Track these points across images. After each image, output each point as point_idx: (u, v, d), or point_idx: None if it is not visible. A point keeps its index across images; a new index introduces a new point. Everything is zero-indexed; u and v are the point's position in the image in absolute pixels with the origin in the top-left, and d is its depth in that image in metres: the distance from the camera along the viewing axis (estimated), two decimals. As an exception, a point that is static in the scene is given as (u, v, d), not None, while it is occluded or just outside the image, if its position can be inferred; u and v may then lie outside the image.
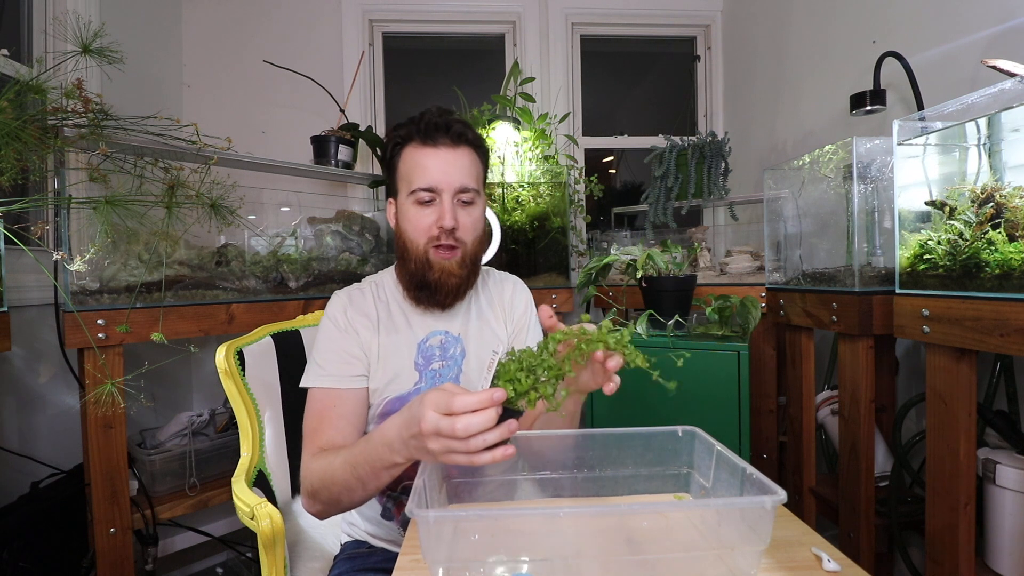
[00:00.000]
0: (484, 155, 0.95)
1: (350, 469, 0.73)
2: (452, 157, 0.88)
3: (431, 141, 0.88)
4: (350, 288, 0.99)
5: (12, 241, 1.03)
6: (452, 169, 0.88)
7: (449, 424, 0.58)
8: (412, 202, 0.89)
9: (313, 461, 0.81)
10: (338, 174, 1.94)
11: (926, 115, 1.06)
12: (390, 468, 0.70)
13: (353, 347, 0.91)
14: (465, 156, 0.90)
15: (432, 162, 0.88)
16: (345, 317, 0.93)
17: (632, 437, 0.76)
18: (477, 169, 0.92)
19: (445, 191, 0.88)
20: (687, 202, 1.85)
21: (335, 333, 0.92)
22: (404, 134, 0.90)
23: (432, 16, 2.34)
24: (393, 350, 0.93)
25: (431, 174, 0.87)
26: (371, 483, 0.73)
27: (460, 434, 0.57)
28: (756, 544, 0.55)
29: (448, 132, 0.88)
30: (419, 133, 0.88)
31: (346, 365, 0.89)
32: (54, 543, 1.31)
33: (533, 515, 0.61)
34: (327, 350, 0.91)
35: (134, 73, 1.46)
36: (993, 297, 0.86)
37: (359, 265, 1.74)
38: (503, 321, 1.01)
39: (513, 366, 0.63)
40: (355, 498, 0.77)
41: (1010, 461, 1.00)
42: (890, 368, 1.49)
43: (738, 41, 2.33)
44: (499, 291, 1.04)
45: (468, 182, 0.89)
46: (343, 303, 0.95)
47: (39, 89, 1.09)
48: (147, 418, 1.71)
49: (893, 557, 1.37)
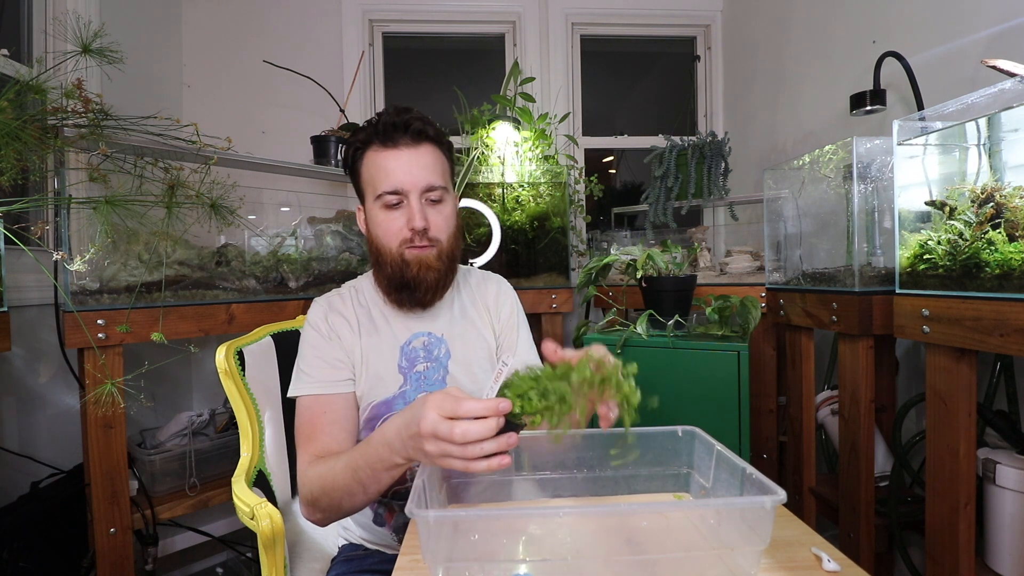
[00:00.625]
0: (448, 150, 0.93)
1: (351, 472, 0.72)
2: (414, 156, 0.86)
3: (391, 142, 0.86)
4: (329, 295, 0.98)
5: (12, 241, 1.03)
6: (415, 168, 0.86)
7: (448, 428, 0.57)
8: (380, 207, 0.88)
9: (310, 468, 0.79)
10: (338, 174, 1.94)
11: (926, 115, 1.06)
12: (390, 469, 0.69)
13: (338, 352, 0.90)
14: (427, 154, 0.88)
15: (394, 164, 0.86)
16: (327, 323, 0.92)
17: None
18: (442, 165, 0.90)
19: (411, 192, 0.86)
20: (687, 202, 1.85)
21: (318, 340, 0.91)
22: (363, 138, 0.88)
23: (432, 16, 2.34)
24: (375, 354, 0.92)
25: (394, 176, 0.85)
26: (372, 486, 0.72)
27: (458, 439, 0.57)
28: (756, 544, 0.55)
29: (407, 131, 0.86)
30: (378, 135, 0.86)
31: (333, 370, 0.89)
32: (54, 543, 1.31)
33: (533, 515, 0.61)
34: (312, 357, 0.90)
35: (134, 73, 1.46)
36: (993, 297, 0.86)
37: (359, 265, 1.74)
38: (489, 323, 1.00)
39: (527, 384, 0.61)
40: (356, 502, 0.76)
41: (1010, 461, 1.00)
42: (890, 368, 1.49)
43: (738, 41, 2.33)
44: (482, 291, 1.02)
45: (434, 180, 0.87)
46: (323, 309, 0.94)
47: (39, 89, 1.09)
48: (147, 418, 1.71)
49: (893, 557, 1.37)
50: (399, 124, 0.85)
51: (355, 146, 0.90)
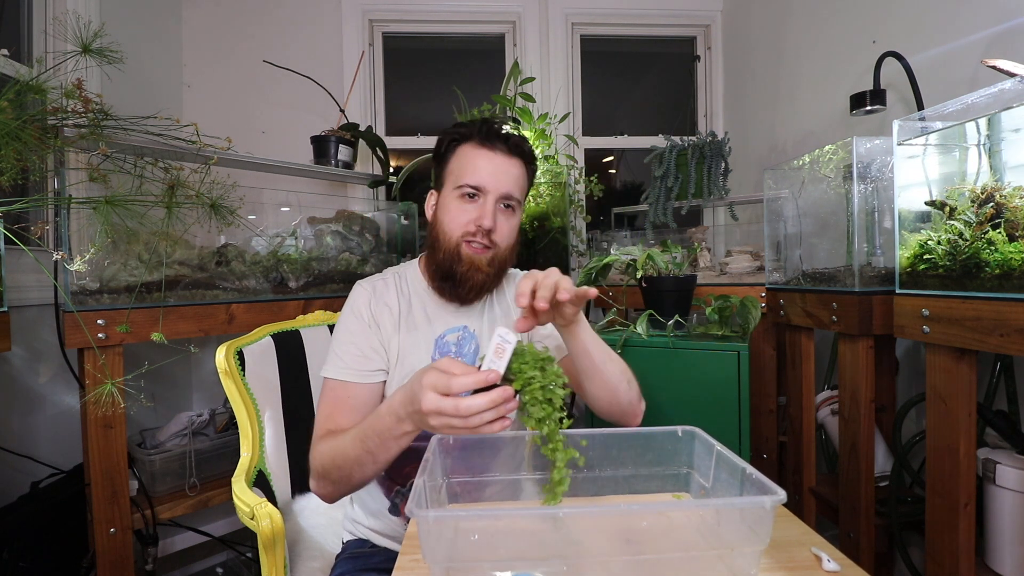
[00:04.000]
0: (533, 173, 0.99)
1: (360, 443, 0.75)
2: (505, 164, 0.92)
3: (489, 144, 0.92)
4: (373, 278, 1.00)
5: (12, 241, 1.03)
6: (502, 174, 0.91)
7: (452, 405, 0.61)
8: (456, 196, 0.92)
9: (322, 442, 0.83)
10: (338, 174, 1.94)
11: (926, 115, 1.06)
12: (399, 438, 0.72)
13: (374, 342, 0.92)
14: (516, 167, 0.94)
15: (485, 163, 0.91)
16: (369, 310, 0.94)
17: (632, 437, 0.76)
18: (525, 182, 0.96)
19: (491, 192, 0.90)
20: (687, 202, 1.85)
21: (357, 327, 0.93)
22: (464, 132, 0.93)
23: (432, 16, 2.34)
24: (412, 348, 0.94)
25: (481, 174, 0.90)
26: (381, 455, 0.75)
27: (463, 412, 0.61)
28: (756, 544, 0.55)
29: (507, 142, 0.92)
30: (479, 134, 0.92)
31: (365, 360, 0.91)
32: (54, 543, 1.31)
33: (533, 515, 0.61)
34: (348, 343, 0.92)
35: (134, 73, 1.46)
36: (993, 297, 0.86)
37: (359, 265, 1.74)
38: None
39: (528, 368, 0.64)
40: (367, 472, 0.78)
41: (1010, 461, 1.00)
42: (890, 368, 1.49)
43: (738, 41, 2.33)
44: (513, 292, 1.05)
45: (514, 191, 0.93)
46: (367, 295, 0.96)
47: (39, 89, 1.09)
48: (147, 418, 1.71)
49: (893, 557, 1.37)
50: (502, 134, 0.93)
51: (452, 136, 0.95)
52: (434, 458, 0.69)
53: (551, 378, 0.65)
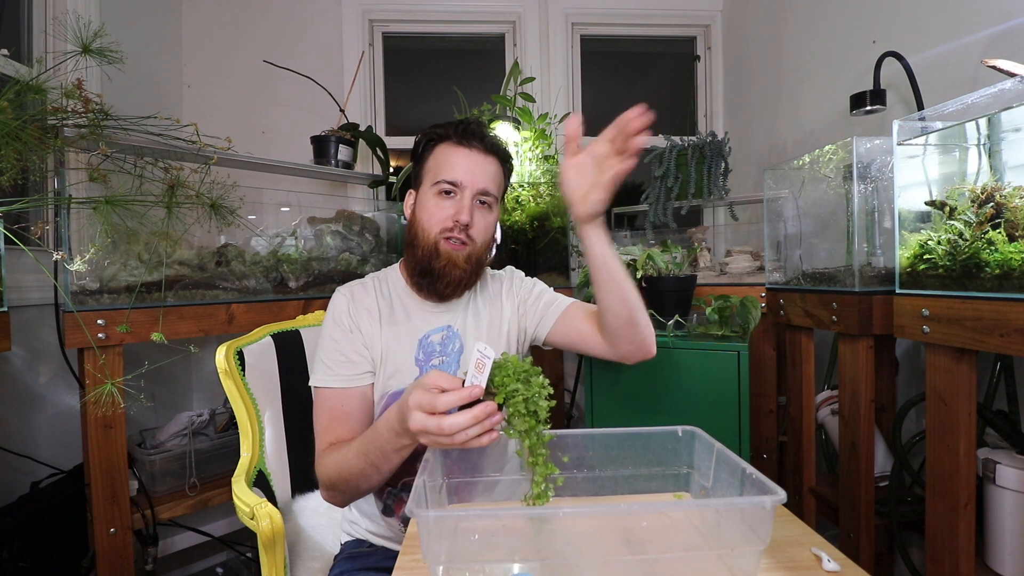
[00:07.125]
0: (509, 171, 1.01)
1: (363, 457, 0.78)
2: (481, 161, 0.94)
3: (466, 142, 0.94)
4: (352, 284, 1.01)
5: (12, 241, 1.03)
6: (479, 171, 0.93)
7: (436, 424, 0.64)
8: (434, 192, 0.93)
9: (326, 457, 0.85)
10: (338, 174, 1.94)
11: (926, 115, 1.06)
12: (399, 450, 0.75)
13: (358, 346, 0.93)
14: (492, 164, 0.96)
15: (462, 160, 0.93)
16: (349, 316, 0.95)
17: (632, 437, 0.76)
18: (501, 179, 0.98)
19: (468, 188, 0.92)
20: (687, 202, 1.85)
21: (339, 334, 0.94)
22: (441, 132, 0.95)
23: (432, 16, 2.34)
24: (395, 345, 0.95)
25: (458, 171, 0.92)
26: (384, 466, 0.77)
27: (447, 432, 0.64)
28: (756, 544, 0.55)
29: (483, 140, 0.94)
30: (456, 134, 0.94)
31: (352, 365, 0.92)
32: (54, 543, 1.31)
33: (533, 515, 0.61)
34: (332, 350, 0.93)
35: (134, 73, 1.46)
36: (993, 297, 0.86)
37: (359, 265, 1.74)
38: (504, 314, 1.04)
39: (510, 380, 0.65)
40: (373, 482, 0.81)
41: (1010, 461, 1.00)
42: (890, 368, 1.49)
43: (738, 41, 2.33)
44: (496, 287, 1.07)
45: (490, 187, 0.94)
46: (346, 300, 0.97)
47: (39, 89, 1.09)
48: (147, 418, 1.71)
49: (893, 557, 1.37)
50: (478, 132, 0.94)
51: (430, 137, 0.97)
52: (434, 458, 0.70)
53: (535, 390, 0.65)
